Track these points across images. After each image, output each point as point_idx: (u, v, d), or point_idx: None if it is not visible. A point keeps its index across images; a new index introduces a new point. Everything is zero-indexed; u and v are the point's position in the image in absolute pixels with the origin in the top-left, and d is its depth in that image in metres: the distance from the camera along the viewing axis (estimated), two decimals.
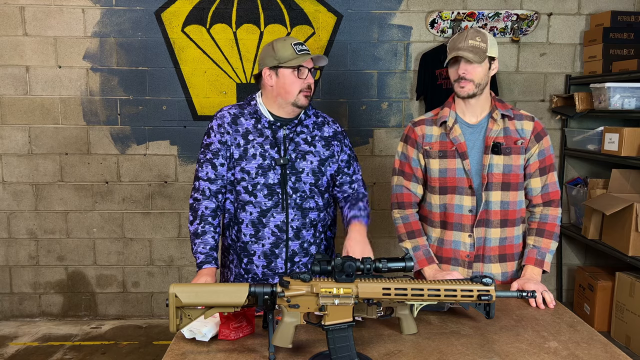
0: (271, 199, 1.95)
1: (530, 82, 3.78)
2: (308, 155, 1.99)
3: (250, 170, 1.94)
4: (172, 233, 3.86)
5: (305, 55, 1.92)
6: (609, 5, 3.69)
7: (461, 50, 1.86)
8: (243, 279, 2.03)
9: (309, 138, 2.01)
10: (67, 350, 3.44)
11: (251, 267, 2.01)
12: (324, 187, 2.03)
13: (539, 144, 1.97)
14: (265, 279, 2.00)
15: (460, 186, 1.96)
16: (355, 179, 2.12)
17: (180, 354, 1.48)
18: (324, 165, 2.01)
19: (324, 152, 2.02)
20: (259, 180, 1.94)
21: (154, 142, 3.76)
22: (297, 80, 1.92)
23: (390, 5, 3.67)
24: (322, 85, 3.73)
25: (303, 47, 1.95)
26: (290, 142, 1.98)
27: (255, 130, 1.98)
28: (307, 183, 1.98)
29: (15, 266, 3.86)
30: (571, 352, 1.48)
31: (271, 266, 1.99)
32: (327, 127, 2.07)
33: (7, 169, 3.76)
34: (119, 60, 3.67)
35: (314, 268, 1.42)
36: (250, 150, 1.95)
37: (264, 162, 1.94)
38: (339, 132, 2.10)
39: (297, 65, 1.90)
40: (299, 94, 1.93)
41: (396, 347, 1.51)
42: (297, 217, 1.97)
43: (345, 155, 2.08)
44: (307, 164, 1.98)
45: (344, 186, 2.09)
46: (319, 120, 2.08)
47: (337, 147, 2.06)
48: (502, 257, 1.99)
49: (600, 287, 3.38)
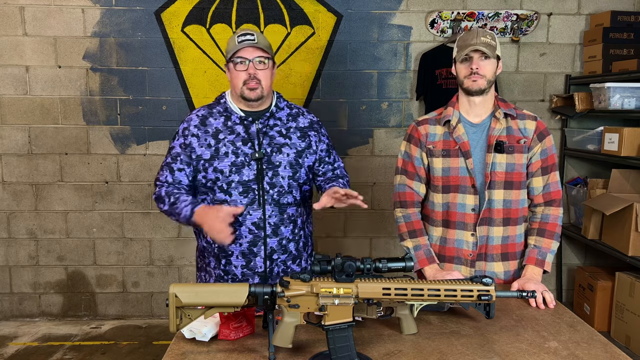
0: (247, 196, 1.91)
1: (530, 82, 3.78)
2: (284, 147, 1.95)
3: (224, 168, 1.91)
4: (172, 233, 3.86)
5: (243, 44, 1.87)
6: (608, 5, 3.69)
7: (478, 45, 1.88)
8: (223, 280, 1.98)
9: (284, 130, 1.98)
10: (67, 350, 3.44)
11: (230, 268, 1.96)
12: (302, 180, 1.99)
13: (541, 143, 1.97)
14: (245, 279, 1.96)
15: (463, 185, 1.96)
16: (338, 166, 2.10)
17: (180, 354, 1.48)
18: (301, 157, 1.98)
19: (300, 143, 1.98)
20: (233, 178, 1.90)
21: (154, 142, 3.76)
22: (238, 72, 1.89)
23: (390, 5, 3.67)
24: (322, 85, 3.73)
25: (247, 37, 1.88)
26: (264, 136, 1.94)
27: (226, 128, 1.94)
28: (285, 177, 1.94)
29: (15, 266, 3.86)
30: (571, 352, 1.48)
31: (250, 265, 1.95)
32: (302, 118, 2.03)
33: (7, 169, 3.76)
34: (118, 60, 3.67)
35: (314, 268, 1.42)
36: (222, 149, 1.92)
37: (237, 159, 1.91)
38: (315, 122, 2.06)
39: (233, 55, 1.87)
40: (242, 86, 1.90)
41: (396, 347, 1.51)
42: (274, 213, 1.93)
43: (323, 145, 2.06)
44: (283, 157, 1.94)
45: (328, 174, 2.07)
46: (293, 111, 2.04)
47: (314, 137, 2.02)
48: (504, 255, 1.99)
49: (600, 287, 3.38)
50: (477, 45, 1.88)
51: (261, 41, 1.90)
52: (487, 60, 1.90)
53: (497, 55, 1.93)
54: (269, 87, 1.95)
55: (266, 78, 1.91)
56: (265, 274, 1.96)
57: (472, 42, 1.89)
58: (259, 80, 1.89)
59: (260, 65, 1.90)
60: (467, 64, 1.92)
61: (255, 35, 1.89)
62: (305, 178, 2.01)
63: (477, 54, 1.89)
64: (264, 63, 1.90)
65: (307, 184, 2.05)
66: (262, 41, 1.91)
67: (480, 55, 1.90)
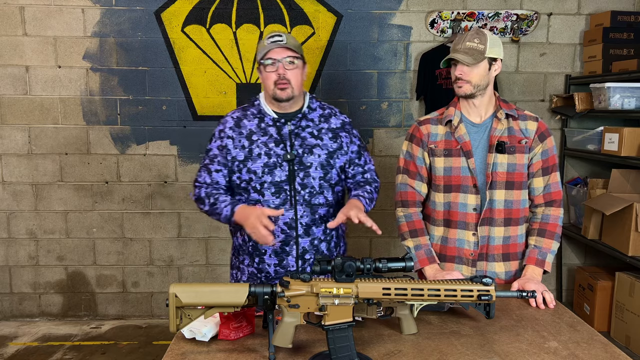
0: (279, 197, 1.94)
1: (530, 82, 3.78)
2: (315, 148, 1.97)
3: (257, 169, 1.94)
4: (172, 233, 3.86)
5: (272, 45, 1.89)
6: (608, 5, 3.69)
7: (455, 52, 1.90)
8: (256, 277, 2.02)
9: (315, 132, 2.00)
10: (67, 350, 3.44)
11: (263, 266, 2.00)
12: (333, 181, 2.02)
13: (542, 143, 1.98)
14: (278, 277, 1.99)
15: (465, 184, 1.96)
16: (368, 169, 2.11)
17: (180, 354, 1.48)
18: (332, 158, 1.99)
19: (331, 144, 2.00)
20: (265, 179, 1.94)
21: (154, 142, 3.76)
22: (268, 73, 1.91)
23: (390, 5, 3.67)
24: (322, 85, 3.73)
25: (275, 38, 1.90)
26: (296, 137, 1.97)
27: (259, 130, 1.97)
28: (316, 178, 1.96)
29: (15, 266, 3.86)
30: (571, 352, 1.48)
31: (283, 264, 1.98)
32: (334, 119, 2.05)
33: (7, 169, 3.76)
34: (118, 60, 3.67)
35: (314, 268, 1.42)
36: (255, 150, 1.95)
37: (269, 160, 1.94)
38: (347, 122, 2.08)
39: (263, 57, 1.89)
40: (274, 87, 1.91)
41: (396, 347, 1.51)
42: (306, 213, 1.96)
43: (355, 146, 2.07)
44: (314, 157, 1.96)
45: (357, 177, 2.08)
46: (326, 112, 2.06)
47: (345, 139, 2.04)
48: (505, 255, 1.99)
49: (600, 287, 3.38)
50: (454, 53, 1.90)
51: (290, 41, 1.93)
52: (473, 65, 1.90)
53: (489, 58, 1.92)
54: (300, 86, 1.97)
55: (296, 78, 1.93)
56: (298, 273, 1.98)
57: (457, 47, 1.92)
58: (289, 80, 1.91)
59: (290, 66, 1.91)
60: (454, 68, 1.95)
61: (283, 36, 1.92)
62: (337, 179, 2.04)
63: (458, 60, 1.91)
64: (293, 63, 1.92)
65: (339, 184, 2.07)
66: (291, 41, 1.94)
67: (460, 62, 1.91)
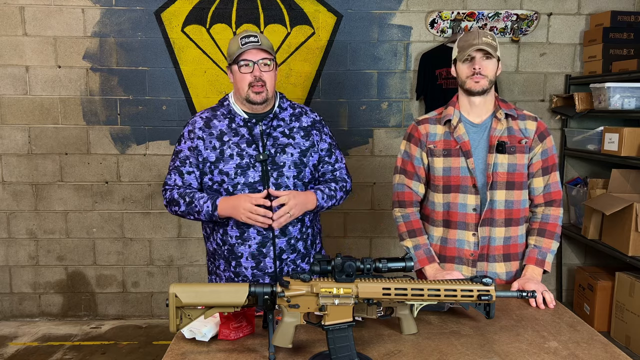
0: None
1: (530, 82, 3.78)
2: (287, 147, 1.95)
3: (229, 171, 1.91)
4: (172, 233, 3.86)
5: (247, 46, 1.86)
6: (608, 5, 3.69)
7: (481, 45, 1.87)
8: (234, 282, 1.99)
9: (287, 131, 1.98)
10: (66, 350, 3.44)
11: (240, 270, 1.97)
12: (307, 179, 1.99)
13: (542, 143, 1.98)
14: (255, 280, 1.96)
15: (464, 185, 1.96)
16: (338, 167, 2.08)
17: (180, 354, 1.48)
18: (305, 156, 1.98)
19: (303, 142, 1.98)
20: (238, 180, 1.91)
21: (154, 142, 3.76)
22: (243, 75, 1.89)
23: (390, 5, 3.67)
24: (322, 85, 3.73)
25: (250, 39, 1.88)
26: (268, 137, 1.95)
27: (230, 130, 1.95)
28: (290, 177, 1.94)
29: (15, 266, 3.86)
30: (571, 352, 1.48)
31: (260, 266, 1.95)
32: (305, 117, 2.04)
33: (6, 169, 3.76)
34: (118, 60, 3.67)
35: (314, 268, 1.42)
36: (226, 151, 1.92)
37: (242, 161, 1.91)
38: (317, 120, 2.06)
39: (237, 58, 1.87)
40: (248, 89, 1.89)
41: (396, 347, 1.51)
42: None
43: (325, 144, 2.05)
44: (287, 157, 1.94)
45: (327, 175, 2.06)
46: (297, 111, 2.04)
47: (316, 137, 2.02)
48: (506, 256, 1.99)
49: (600, 287, 3.38)
50: (480, 45, 1.87)
51: (264, 42, 1.90)
52: (489, 61, 1.90)
53: (497, 56, 1.93)
54: (273, 88, 1.96)
55: (271, 79, 1.92)
56: (276, 274, 1.97)
57: (475, 42, 1.89)
58: (264, 83, 1.89)
59: (265, 67, 1.90)
60: (469, 64, 1.92)
61: (258, 37, 1.89)
62: (310, 177, 2.01)
63: (479, 53, 1.89)
64: (268, 65, 1.90)
65: (313, 182, 2.05)
66: (265, 42, 1.91)
67: (482, 55, 1.89)
